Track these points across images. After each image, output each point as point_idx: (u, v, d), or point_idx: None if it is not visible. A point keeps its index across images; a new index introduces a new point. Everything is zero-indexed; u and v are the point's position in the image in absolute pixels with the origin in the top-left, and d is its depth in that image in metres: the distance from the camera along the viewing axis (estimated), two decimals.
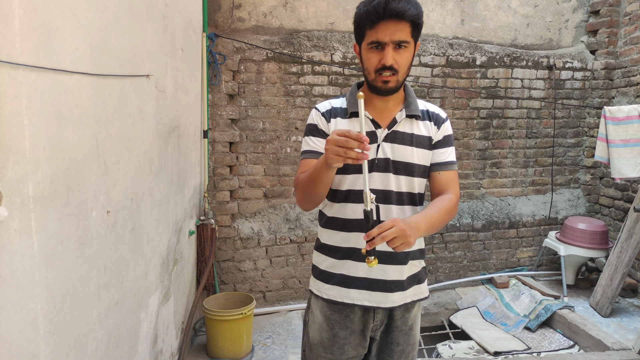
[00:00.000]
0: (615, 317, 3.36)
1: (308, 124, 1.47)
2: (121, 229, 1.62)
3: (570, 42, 4.18)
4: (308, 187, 1.32)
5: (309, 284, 1.56)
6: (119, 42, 1.56)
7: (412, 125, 1.43)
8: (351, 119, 1.42)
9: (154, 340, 2.09)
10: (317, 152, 1.42)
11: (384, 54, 1.29)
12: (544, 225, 4.13)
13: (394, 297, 1.43)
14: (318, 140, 1.43)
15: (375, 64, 1.31)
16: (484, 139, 3.99)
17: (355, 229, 1.40)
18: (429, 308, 3.67)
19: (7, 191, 0.98)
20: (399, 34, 1.27)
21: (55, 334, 1.18)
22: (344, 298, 1.43)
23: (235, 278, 3.49)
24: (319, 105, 1.48)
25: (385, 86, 1.33)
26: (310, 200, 1.36)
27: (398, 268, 1.42)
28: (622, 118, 3.35)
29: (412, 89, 1.49)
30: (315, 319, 1.51)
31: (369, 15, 1.28)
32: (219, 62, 3.27)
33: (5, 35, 0.96)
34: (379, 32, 1.27)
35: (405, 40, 1.29)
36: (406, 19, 1.26)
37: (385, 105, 1.42)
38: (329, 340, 1.46)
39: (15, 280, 1.02)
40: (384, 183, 1.40)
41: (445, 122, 1.48)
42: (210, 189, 3.36)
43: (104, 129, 1.44)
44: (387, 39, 1.27)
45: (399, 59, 1.30)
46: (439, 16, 3.80)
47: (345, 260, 1.43)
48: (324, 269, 1.48)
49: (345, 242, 1.43)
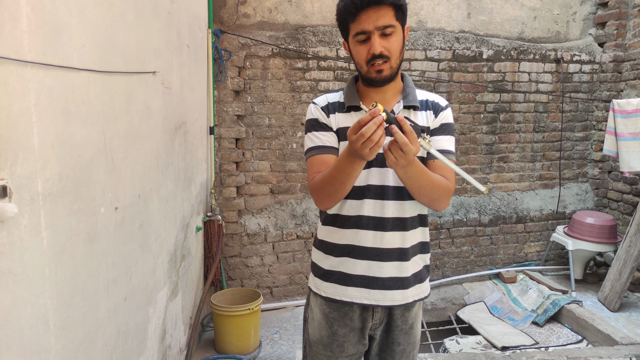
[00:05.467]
0: (624, 311, 3.34)
1: (308, 120, 1.43)
2: (129, 225, 1.63)
3: (578, 35, 4.14)
4: (335, 185, 1.26)
5: (309, 280, 1.54)
6: (125, 39, 1.56)
7: (411, 116, 1.38)
8: (349, 112, 1.39)
9: (163, 335, 2.11)
10: (326, 147, 1.37)
11: (372, 43, 1.25)
12: (552, 219, 4.11)
13: (394, 296, 1.39)
14: (322, 135, 1.38)
15: (365, 56, 1.28)
16: (491, 133, 3.97)
17: (353, 226, 1.38)
18: (436, 303, 3.66)
19: (17, 188, 0.98)
20: (382, 19, 1.24)
21: (65, 329, 1.19)
22: (342, 296, 1.41)
23: (243, 274, 3.51)
24: (317, 100, 1.45)
25: (379, 75, 1.30)
26: (337, 199, 1.32)
27: (397, 265, 1.38)
28: (630, 111, 3.32)
29: (411, 79, 1.45)
30: (315, 316, 1.49)
31: (348, 8, 1.26)
32: (225, 59, 3.27)
33: (14, 33, 0.96)
34: (362, 22, 1.25)
35: (390, 25, 1.25)
36: (386, 3, 1.23)
37: (383, 97, 1.38)
38: (328, 337, 1.45)
39: (25, 276, 1.03)
40: (382, 178, 1.36)
41: (444, 110, 1.42)
42: (217, 185, 3.37)
43: (111, 125, 1.45)
44: (370, 27, 1.24)
45: (387, 45, 1.26)
46: (445, 10, 3.78)
47: (344, 257, 1.41)
48: (322, 266, 1.46)
49: (343, 239, 1.40)
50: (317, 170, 1.35)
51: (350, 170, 1.21)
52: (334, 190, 1.27)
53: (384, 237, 1.37)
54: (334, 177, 1.25)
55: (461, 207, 3.96)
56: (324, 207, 1.37)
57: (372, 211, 1.36)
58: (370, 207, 1.36)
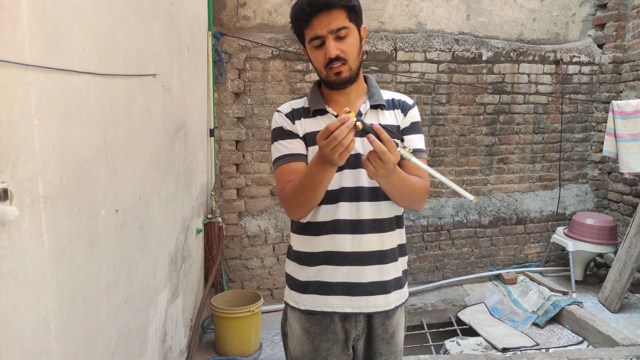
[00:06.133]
0: (625, 312, 3.33)
1: (274, 129, 1.39)
2: (130, 227, 1.63)
3: (578, 36, 4.14)
4: (307, 193, 1.24)
5: (284, 294, 1.47)
6: (126, 42, 1.56)
7: (379, 116, 1.37)
8: (315, 117, 1.37)
9: (163, 337, 2.11)
10: (293, 155, 1.34)
11: (327, 48, 1.26)
12: (552, 220, 4.11)
13: (377, 301, 1.35)
14: (289, 143, 1.35)
15: (322, 60, 1.28)
16: (491, 134, 3.97)
17: (329, 231, 1.33)
18: (437, 304, 3.66)
19: (18, 190, 0.98)
20: (334, 22, 1.24)
21: (66, 332, 1.20)
22: (323, 306, 1.35)
23: (243, 276, 3.51)
24: (280, 107, 1.42)
25: (338, 78, 1.29)
26: (309, 208, 1.29)
27: (377, 268, 1.35)
28: (630, 112, 3.32)
29: (374, 80, 1.44)
30: (294, 332, 1.42)
31: (299, 15, 1.27)
32: (225, 61, 3.27)
33: (14, 36, 0.97)
34: (314, 27, 1.25)
35: (343, 26, 1.25)
36: (336, 6, 1.23)
37: (348, 99, 1.37)
38: (310, 353, 1.38)
39: (26, 279, 1.03)
40: (356, 179, 1.33)
41: (412, 109, 1.42)
42: (217, 187, 3.37)
43: (111, 128, 1.45)
44: (323, 31, 1.24)
45: (343, 47, 1.26)
46: (444, 12, 3.78)
47: (321, 265, 1.35)
48: (298, 278, 1.40)
49: (319, 246, 1.35)
50: (286, 179, 1.32)
51: (321, 177, 1.19)
52: (307, 199, 1.25)
53: (362, 240, 1.33)
54: (305, 186, 1.23)
55: (461, 209, 3.96)
56: (297, 217, 1.34)
57: (348, 214, 1.33)
58: (345, 210, 1.33)
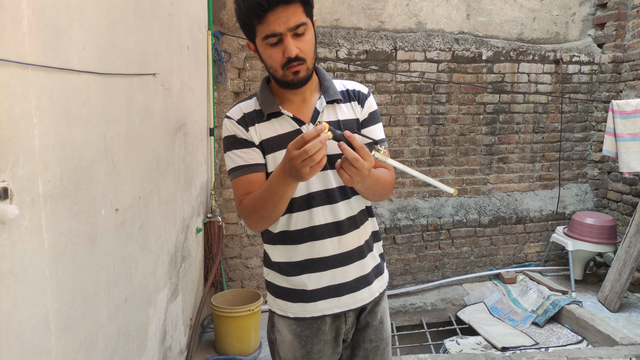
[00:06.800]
0: (624, 312, 3.34)
1: (226, 137, 1.30)
2: (129, 226, 1.63)
3: (577, 36, 4.14)
4: (268, 209, 1.19)
5: (267, 301, 1.43)
6: (126, 41, 1.56)
7: (336, 111, 1.31)
8: (270, 120, 1.28)
9: (163, 336, 2.11)
10: (250, 165, 1.27)
11: (285, 46, 1.15)
12: (552, 220, 4.11)
13: (363, 295, 1.35)
14: (244, 152, 1.27)
15: (280, 60, 1.17)
16: (491, 134, 3.97)
17: (307, 239, 1.29)
18: (436, 304, 3.66)
19: (18, 189, 0.99)
20: (293, 18, 1.13)
21: (66, 331, 1.20)
22: (312, 312, 1.33)
23: (243, 275, 3.51)
24: (230, 112, 1.31)
25: (297, 77, 1.20)
26: (271, 222, 1.25)
27: (359, 264, 1.34)
28: (630, 112, 3.32)
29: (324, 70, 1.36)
30: (284, 338, 1.39)
31: (253, 10, 1.12)
32: (225, 60, 3.27)
33: (15, 36, 0.97)
34: (271, 24, 1.13)
35: (302, 23, 1.15)
36: (294, 1, 1.12)
37: (302, 98, 1.30)
38: (303, 357, 1.36)
39: (26, 278, 1.03)
40: (324, 182, 1.28)
41: (368, 98, 1.36)
42: (217, 186, 3.37)
43: (111, 127, 1.45)
44: (282, 28, 1.13)
45: (302, 46, 1.17)
46: (444, 11, 3.79)
47: (304, 274, 1.31)
48: (281, 286, 1.36)
49: (299, 255, 1.31)
50: (244, 192, 1.26)
51: (282, 193, 1.15)
52: (267, 214, 1.21)
53: (341, 242, 1.31)
54: (266, 200, 1.18)
55: (461, 208, 3.96)
56: (258, 230, 1.30)
57: (324, 218, 1.29)
58: (320, 215, 1.29)
